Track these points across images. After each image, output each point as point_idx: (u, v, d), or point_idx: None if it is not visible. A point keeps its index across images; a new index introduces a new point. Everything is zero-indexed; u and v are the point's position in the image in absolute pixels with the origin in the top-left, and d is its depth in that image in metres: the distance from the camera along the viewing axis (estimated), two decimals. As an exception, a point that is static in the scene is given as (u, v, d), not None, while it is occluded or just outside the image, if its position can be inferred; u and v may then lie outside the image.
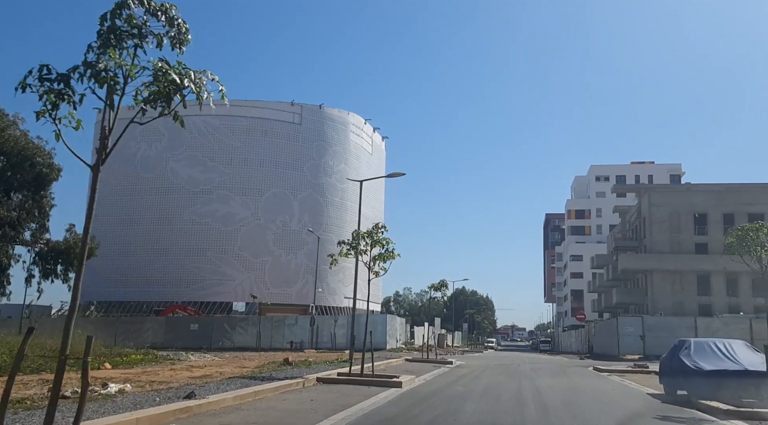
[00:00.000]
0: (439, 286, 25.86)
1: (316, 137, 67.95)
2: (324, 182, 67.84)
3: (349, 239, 15.07)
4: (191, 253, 62.55)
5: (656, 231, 61.75)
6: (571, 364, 29.77)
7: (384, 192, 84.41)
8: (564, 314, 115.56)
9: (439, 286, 25.85)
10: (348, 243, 14.86)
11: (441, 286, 25.89)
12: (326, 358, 23.09)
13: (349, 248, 14.72)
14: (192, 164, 64.01)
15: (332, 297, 67.07)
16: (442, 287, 25.93)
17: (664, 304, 58.44)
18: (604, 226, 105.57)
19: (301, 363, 18.91)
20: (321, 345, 42.30)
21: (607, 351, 43.07)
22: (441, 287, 25.92)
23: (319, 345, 42.24)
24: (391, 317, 44.21)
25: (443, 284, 25.96)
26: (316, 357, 23.36)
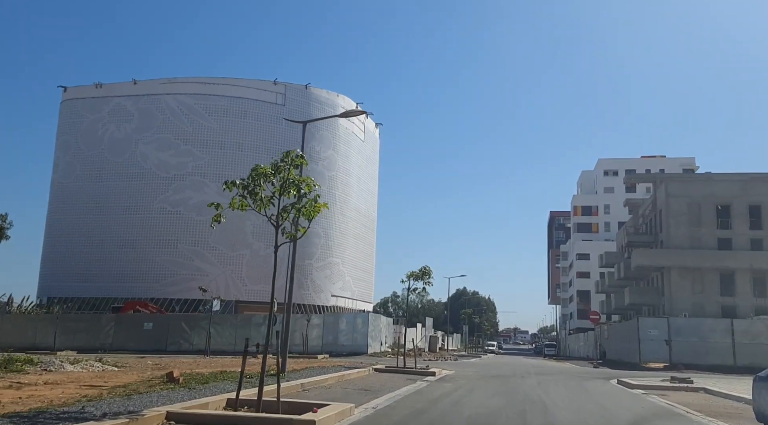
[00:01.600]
0: (421, 274, 20.04)
1: (302, 119, 62.00)
2: (310, 169, 61.42)
3: (243, 180, 9.10)
4: (161, 245, 56.86)
5: (674, 225, 55.96)
6: (587, 374, 23.94)
7: (378, 185, 78.64)
8: (569, 316, 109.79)
9: (420, 274, 20.04)
10: (242, 184, 8.92)
11: (423, 274, 20.07)
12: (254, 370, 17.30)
13: (243, 191, 8.79)
14: (163, 147, 58.33)
15: (317, 295, 61.34)
16: (424, 276, 20.12)
17: (683, 305, 52.61)
18: (613, 223, 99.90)
19: (194, 380, 13.06)
20: (292, 348, 36.53)
21: (624, 358, 37.18)
22: (423, 275, 20.10)
23: (290, 349, 36.45)
24: (374, 317, 38.42)
25: (425, 272, 20.12)
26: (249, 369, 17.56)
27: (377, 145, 78.38)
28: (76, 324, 39.41)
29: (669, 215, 55.99)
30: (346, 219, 66.09)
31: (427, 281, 20.11)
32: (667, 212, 56.20)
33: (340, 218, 64.98)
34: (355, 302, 68.14)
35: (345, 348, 35.78)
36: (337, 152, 64.98)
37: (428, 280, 20.09)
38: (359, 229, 70.29)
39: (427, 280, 20.09)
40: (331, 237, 63.45)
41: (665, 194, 56.51)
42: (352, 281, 67.51)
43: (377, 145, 78.38)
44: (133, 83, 59.93)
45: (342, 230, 65.26)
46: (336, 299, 63.55)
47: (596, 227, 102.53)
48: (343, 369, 17.46)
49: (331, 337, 36.18)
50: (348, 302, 66.14)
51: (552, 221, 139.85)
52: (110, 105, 59.72)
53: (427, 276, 20.02)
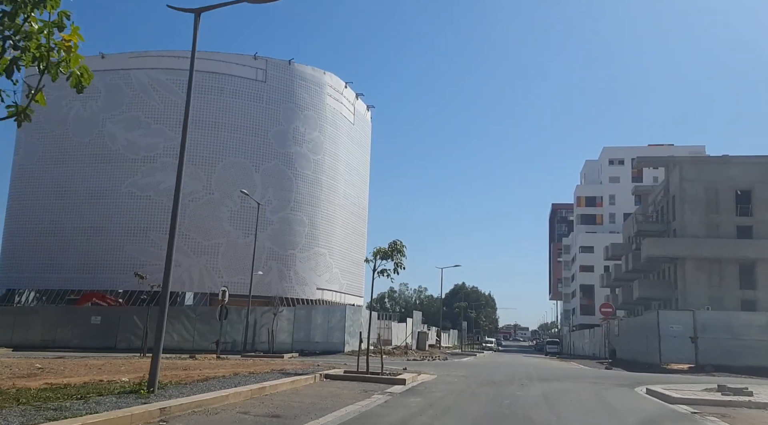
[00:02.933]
0: (390, 252, 15.32)
1: (285, 98, 57.40)
2: (293, 151, 57.28)
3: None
4: (130, 233, 52.16)
5: (689, 212, 51.23)
6: (601, 379, 19.25)
7: (369, 172, 73.86)
8: (572, 312, 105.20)
9: (390, 252, 15.32)
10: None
11: (393, 252, 15.34)
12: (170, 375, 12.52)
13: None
14: (132, 126, 53.55)
15: (301, 288, 56.63)
16: (395, 254, 15.39)
17: (699, 299, 47.88)
18: (618, 214, 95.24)
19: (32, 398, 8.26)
20: (258, 346, 31.90)
21: (638, 357, 32.46)
22: (393, 253, 15.37)
23: (256, 346, 31.83)
24: (354, 310, 33.72)
25: (396, 248, 15.39)
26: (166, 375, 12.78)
27: (369, 129, 73.58)
28: (15, 318, 34.73)
29: (683, 202, 51.30)
30: (333, 207, 61.38)
31: (399, 260, 15.42)
32: (681, 197, 51.50)
33: (326, 206, 60.28)
34: (343, 296, 63.45)
35: (319, 345, 31.19)
36: (323, 134, 60.20)
37: (399, 259, 15.40)
38: (349, 218, 65.57)
39: (399, 259, 15.40)
40: (317, 226, 58.75)
41: (679, 179, 51.80)
42: (341, 273, 62.81)
43: (369, 129, 73.58)
44: (100, 57, 55.14)
45: (329, 219, 60.56)
46: (322, 293, 58.87)
47: (600, 219, 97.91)
48: (275, 377, 12.75)
49: (303, 333, 31.55)
50: (336, 296, 61.45)
51: (554, 214, 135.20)
52: (76, 81, 54.86)
53: (398, 254, 15.32)
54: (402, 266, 15.56)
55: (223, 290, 24.27)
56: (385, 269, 15.66)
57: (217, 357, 21.88)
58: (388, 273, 15.59)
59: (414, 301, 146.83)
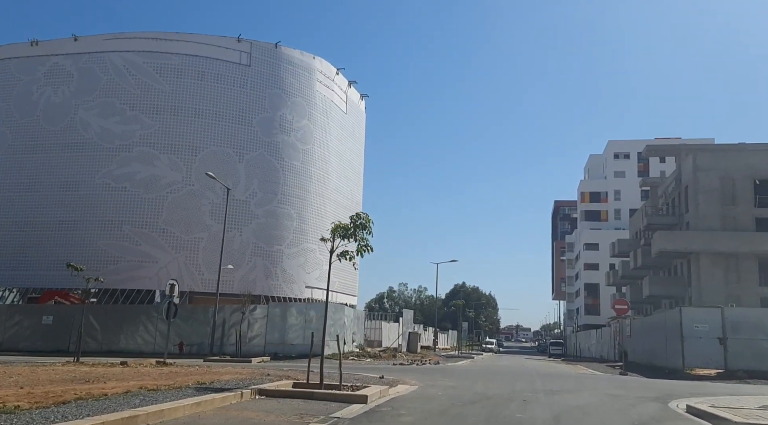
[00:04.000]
0: (353, 229, 11.77)
1: (271, 83, 53.85)
2: (280, 141, 53.71)
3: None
4: (103, 227, 48.63)
5: (704, 203, 47.70)
6: (620, 388, 15.71)
7: (363, 164, 70.29)
8: (576, 312, 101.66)
9: (351, 229, 11.78)
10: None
11: (356, 228, 11.78)
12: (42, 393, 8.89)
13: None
14: (107, 113, 50.03)
15: (289, 286, 53.09)
16: (358, 230, 11.85)
17: (714, 297, 44.29)
18: (624, 210, 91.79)
19: None
20: (229, 349, 28.37)
21: (655, 360, 28.89)
22: (356, 229, 11.82)
23: (225, 349, 28.29)
24: (335, 308, 30.11)
25: (360, 223, 11.83)
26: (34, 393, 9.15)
27: (363, 119, 70.03)
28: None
29: (697, 192, 47.77)
30: (324, 200, 57.82)
31: (363, 239, 11.90)
32: (695, 188, 47.97)
33: (316, 199, 56.72)
34: (335, 295, 59.77)
35: (295, 348, 27.67)
36: (313, 123, 56.64)
37: (364, 238, 11.89)
38: (340, 212, 61.81)
39: (363, 238, 11.89)
40: (306, 220, 55.20)
41: (692, 168, 48.27)
42: (332, 270, 59.08)
43: (363, 119, 70.03)
44: (73, 40, 51.69)
45: (319, 212, 56.99)
46: (312, 291, 55.30)
47: (605, 215, 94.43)
48: (183, 396, 9.18)
49: (278, 334, 28.00)
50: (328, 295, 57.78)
51: (556, 211, 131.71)
52: (47, 65, 51.47)
53: (362, 231, 11.80)
54: (368, 248, 12.07)
55: (171, 284, 20.71)
56: (347, 252, 12.17)
57: (161, 363, 18.24)
58: (351, 256, 12.11)
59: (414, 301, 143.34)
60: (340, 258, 12.33)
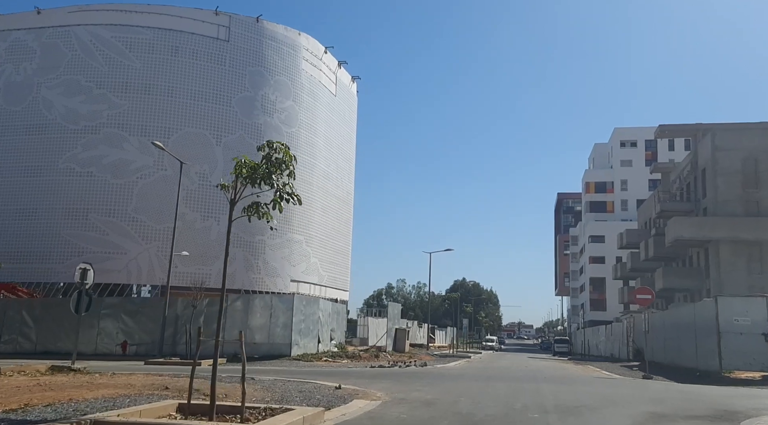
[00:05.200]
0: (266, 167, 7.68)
1: (251, 60, 49.73)
2: (262, 122, 49.62)
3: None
4: (67, 215, 44.64)
5: (723, 186, 43.50)
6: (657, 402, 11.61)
7: (355, 151, 66.16)
8: (580, 307, 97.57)
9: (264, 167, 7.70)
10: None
11: (270, 166, 7.67)
12: None
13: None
14: (71, 91, 45.97)
15: (272, 280, 49.01)
16: (274, 169, 7.78)
17: (736, 288, 40.11)
18: (631, 201, 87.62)
19: None
20: (182, 349, 24.26)
21: (679, 360, 24.79)
22: (272, 168, 7.72)
23: (177, 349, 24.19)
24: (306, 301, 25.94)
25: (277, 160, 7.76)
26: None
27: (354, 103, 65.87)
28: None
29: (716, 174, 43.59)
30: (311, 188, 53.70)
31: (283, 185, 7.87)
32: (713, 170, 43.78)
33: (303, 186, 52.08)
34: (324, 289, 55.78)
35: (260, 347, 23.59)
36: (298, 104, 52.52)
37: (284, 183, 7.86)
38: (330, 201, 57.91)
39: (282, 182, 7.86)
40: (291, 208, 50.69)
41: (711, 148, 44.06)
42: (320, 263, 55.13)
43: (354, 103, 65.87)
44: (36, 13, 47.63)
45: (306, 201, 52.22)
46: (297, 285, 51.19)
47: (611, 206, 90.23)
48: None
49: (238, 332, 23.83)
50: (315, 289, 53.76)
51: (559, 204, 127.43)
52: (7, 41, 47.39)
53: (279, 171, 7.78)
54: (292, 197, 8.05)
55: (82, 269, 16.54)
56: (258, 203, 8.15)
57: (57, 369, 14.04)
58: (264, 211, 8.10)
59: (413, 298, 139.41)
60: (248, 213, 8.25)
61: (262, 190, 7.99)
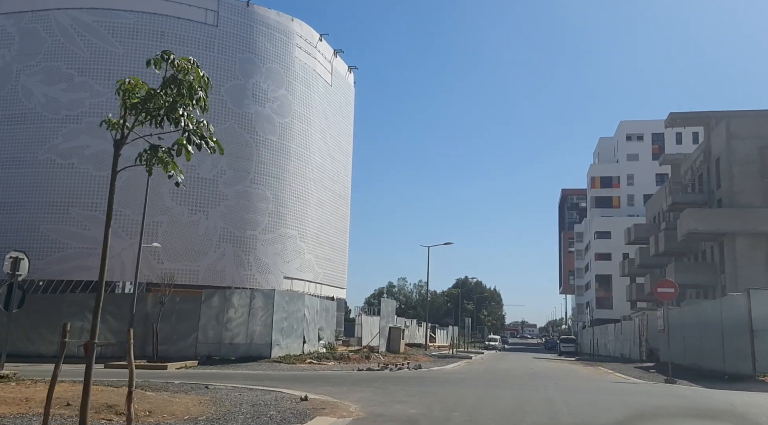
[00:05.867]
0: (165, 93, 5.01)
1: (242, 47, 47.43)
2: (253, 112, 47.31)
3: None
4: (47, 209, 42.37)
5: (739, 176, 41.17)
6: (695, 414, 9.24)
7: (352, 144, 63.84)
8: (586, 306, 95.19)
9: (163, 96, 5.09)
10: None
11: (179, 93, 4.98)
12: None
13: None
14: (52, 79, 43.68)
15: (264, 277, 46.68)
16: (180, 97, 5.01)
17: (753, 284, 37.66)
18: (638, 196, 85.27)
19: None
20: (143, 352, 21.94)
21: (702, 362, 22.44)
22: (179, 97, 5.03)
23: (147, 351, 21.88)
24: (289, 297, 23.60)
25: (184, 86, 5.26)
26: None
27: (351, 95, 63.53)
28: None
29: (732, 164, 41.24)
30: (305, 181, 51.42)
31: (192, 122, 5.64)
32: (728, 159, 41.44)
33: (296, 179, 50.33)
34: (320, 287, 53.46)
35: (237, 348, 21.25)
36: (292, 94, 50.21)
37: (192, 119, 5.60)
38: (325, 195, 55.58)
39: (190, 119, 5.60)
40: (284, 202, 48.82)
41: (726, 136, 41.74)
42: (316, 260, 52.78)
43: (351, 95, 63.53)
44: (14, -4, 45.39)
45: (300, 195, 50.63)
46: (291, 282, 48.86)
47: (617, 201, 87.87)
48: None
49: (214, 331, 21.56)
50: (310, 287, 51.44)
51: (564, 200, 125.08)
52: (-15, 28, 45.17)
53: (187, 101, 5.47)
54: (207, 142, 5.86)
55: (14, 259, 14.11)
56: (156, 147, 5.84)
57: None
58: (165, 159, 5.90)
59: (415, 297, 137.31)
60: (142, 162, 5.99)
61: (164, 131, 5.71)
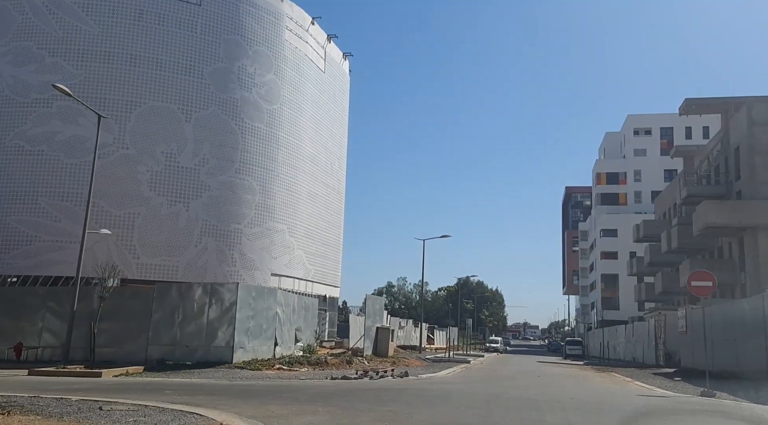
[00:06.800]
0: None
1: (227, 27, 44.39)
2: (239, 97, 44.26)
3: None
4: (14, 199, 39.40)
5: (762, 165, 38.04)
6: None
7: (347, 135, 60.72)
8: (591, 307, 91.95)
9: None
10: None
11: None
12: None
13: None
14: (22, 60, 40.68)
15: (249, 273, 43.60)
16: None
17: (776, 283, 34.84)
18: (645, 193, 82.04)
19: None
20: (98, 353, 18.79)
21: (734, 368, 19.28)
22: None
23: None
24: (257, 293, 20.44)
25: None
26: None
27: (346, 83, 60.44)
28: None
29: (754, 153, 38.10)
30: (295, 172, 48.38)
31: None
32: (750, 147, 38.28)
33: (286, 170, 47.27)
34: (311, 285, 50.40)
35: (195, 352, 18.17)
36: (281, 79, 47.16)
37: None
38: (318, 188, 52.50)
39: None
40: (272, 194, 45.79)
41: (747, 123, 38.58)
42: (307, 256, 49.70)
43: (346, 83, 60.44)
44: (-17, -27, 42.35)
45: (289, 186, 47.57)
46: (279, 280, 45.81)
47: (624, 198, 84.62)
48: None
49: (167, 332, 18.45)
50: (300, 285, 48.41)
51: (568, 198, 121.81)
52: (-49, 4, 42.15)
53: None
54: None
55: None
56: None
57: None
58: None
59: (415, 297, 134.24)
60: None
61: None
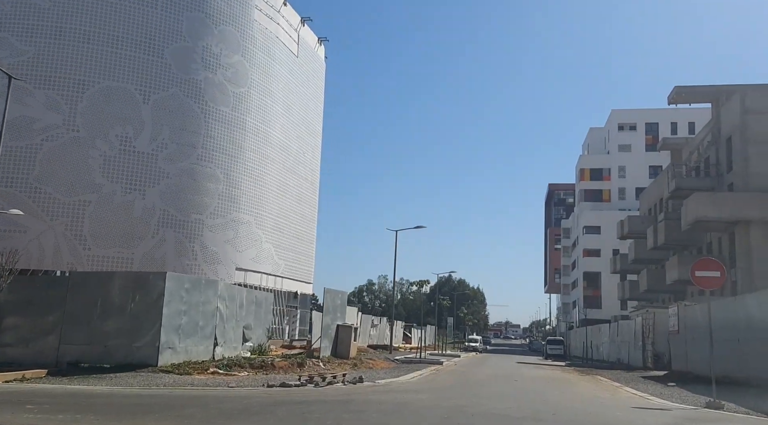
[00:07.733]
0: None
1: (190, 3, 41.54)
2: (202, 78, 41.42)
3: None
4: (-46, 184, 36.25)
5: (755, 156, 35.87)
6: None
7: (322, 124, 57.96)
8: (572, 305, 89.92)
9: None
10: None
11: None
12: None
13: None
14: (-37, 34, 37.56)
15: (212, 268, 40.82)
16: None
17: None
18: (629, 189, 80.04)
19: None
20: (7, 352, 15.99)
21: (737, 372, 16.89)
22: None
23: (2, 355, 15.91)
24: (199, 285, 17.69)
25: None
26: None
27: (321, 69, 57.70)
28: None
29: (747, 143, 35.94)
30: (264, 160, 45.65)
31: None
32: (742, 137, 36.12)
33: (253, 157, 44.52)
34: (280, 281, 47.66)
35: (115, 353, 15.45)
36: (249, 61, 44.39)
37: None
38: (289, 178, 49.76)
39: None
40: (238, 183, 43.02)
41: (740, 111, 36.43)
42: (276, 250, 46.98)
43: (321, 69, 57.70)
44: (-76, -60, 39.08)
45: (257, 175, 44.83)
46: (245, 275, 43.05)
47: (608, 195, 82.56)
48: None
49: (83, 330, 15.71)
50: (268, 280, 45.66)
51: (550, 196, 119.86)
52: None
53: None
54: None
55: None
56: None
57: None
58: None
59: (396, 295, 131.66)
60: None
61: None
